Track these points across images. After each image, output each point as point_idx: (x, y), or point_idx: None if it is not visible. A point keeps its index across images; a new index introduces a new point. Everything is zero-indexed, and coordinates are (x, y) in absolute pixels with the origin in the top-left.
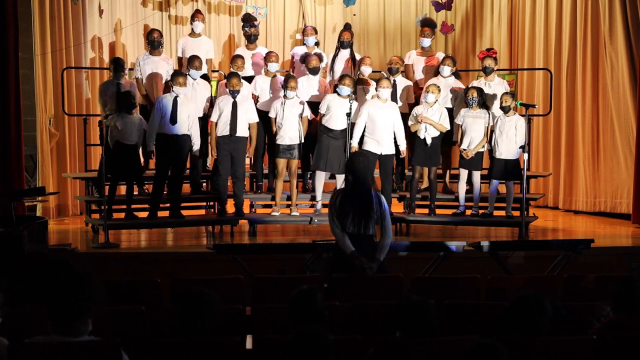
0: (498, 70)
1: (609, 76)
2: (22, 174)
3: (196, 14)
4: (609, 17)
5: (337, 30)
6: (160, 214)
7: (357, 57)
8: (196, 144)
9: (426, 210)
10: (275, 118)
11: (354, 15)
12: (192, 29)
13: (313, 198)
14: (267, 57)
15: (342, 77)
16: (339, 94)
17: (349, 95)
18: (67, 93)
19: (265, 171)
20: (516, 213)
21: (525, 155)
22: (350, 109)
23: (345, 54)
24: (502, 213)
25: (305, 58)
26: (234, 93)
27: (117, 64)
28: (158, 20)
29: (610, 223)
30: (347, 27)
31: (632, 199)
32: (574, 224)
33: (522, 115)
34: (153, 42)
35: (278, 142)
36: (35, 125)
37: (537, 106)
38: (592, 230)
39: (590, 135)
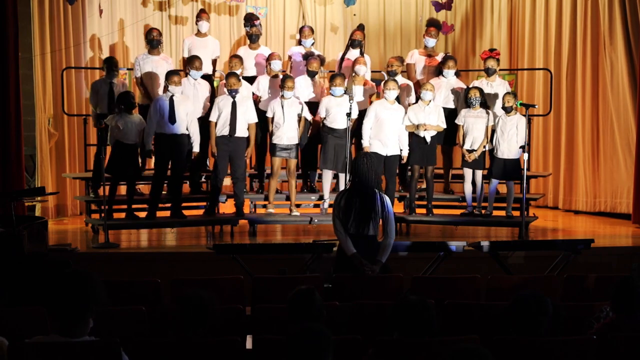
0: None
1: (608, 76)
2: (22, 174)
3: (201, 14)
4: (609, 18)
5: (337, 30)
6: (161, 214)
7: (367, 57)
8: (195, 144)
9: (425, 211)
10: (273, 118)
11: (354, 15)
12: (198, 29)
13: (320, 197)
14: (270, 56)
15: (332, 77)
16: (333, 95)
17: (343, 94)
18: (67, 93)
19: (268, 171)
20: (516, 213)
21: (525, 155)
22: (350, 109)
23: (355, 53)
24: (502, 213)
25: (307, 57)
26: (232, 92)
27: (111, 63)
28: (158, 20)
29: (610, 223)
30: (360, 27)
31: (632, 199)
32: (574, 224)
33: (523, 115)
34: (152, 41)
35: (275, 141)
36: (34, 125)
37: (537, 106)
38: (592, 230)
39: (590, 135)
